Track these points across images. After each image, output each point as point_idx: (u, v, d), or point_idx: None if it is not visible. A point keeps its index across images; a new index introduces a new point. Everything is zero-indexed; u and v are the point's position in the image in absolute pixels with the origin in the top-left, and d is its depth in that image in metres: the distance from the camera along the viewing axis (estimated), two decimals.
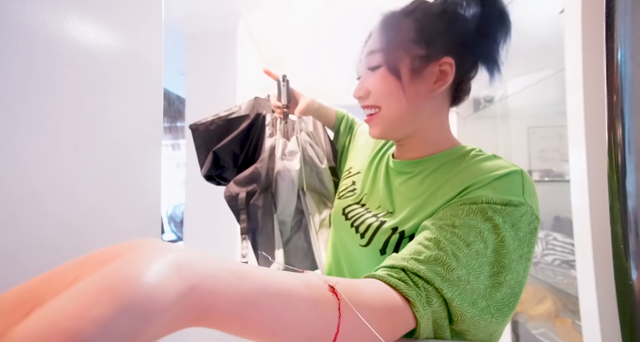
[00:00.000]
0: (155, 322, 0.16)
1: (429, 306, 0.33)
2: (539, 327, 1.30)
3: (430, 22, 0.47)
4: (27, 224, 0.34)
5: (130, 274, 0.16)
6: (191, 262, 0.19)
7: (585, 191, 0.86)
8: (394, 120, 0.51)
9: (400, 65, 0.47)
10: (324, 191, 0.71)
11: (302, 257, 0.69)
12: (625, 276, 0.32)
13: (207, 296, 0.19)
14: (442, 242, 0.37)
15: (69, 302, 0.14)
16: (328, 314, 0.26)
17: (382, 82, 0.49)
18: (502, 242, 0.37)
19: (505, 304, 0.36)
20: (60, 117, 0.38)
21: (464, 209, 0.40)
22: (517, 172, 0.43)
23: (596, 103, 0.86)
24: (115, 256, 0.17)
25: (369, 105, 0.52)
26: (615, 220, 0.33)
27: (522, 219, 0.39)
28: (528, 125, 1.56)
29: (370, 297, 0.30)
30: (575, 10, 0.87)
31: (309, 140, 0.72)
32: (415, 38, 0.47)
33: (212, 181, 0.73)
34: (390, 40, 0.48)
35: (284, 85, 0.72)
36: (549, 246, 1.26)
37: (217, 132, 0.69)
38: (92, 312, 0.14)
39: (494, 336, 0.38)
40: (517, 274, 0.37)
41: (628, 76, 0.31)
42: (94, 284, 0.15)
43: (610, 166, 0.33)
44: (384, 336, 0.27)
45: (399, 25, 0.48)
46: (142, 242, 0.19)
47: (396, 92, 0.48)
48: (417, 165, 0.52)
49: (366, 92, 0.51)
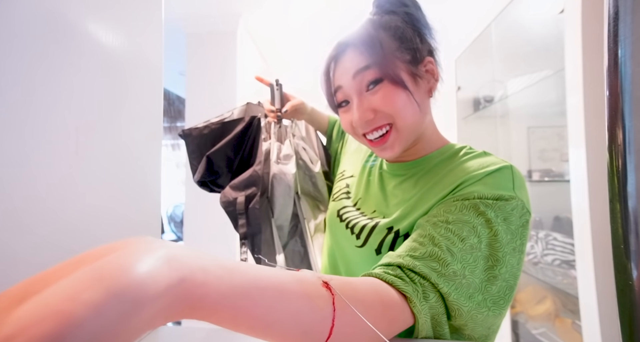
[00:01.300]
0: (145, 310, 0.16)
1: (426, 301, 0.33)
2: (539, 327, 1.30)
3: (400, 30, 0.47)
4: (28, 224, 0.34)
5: (121, 264, 0.16)
6: (181, 256, 0.20)
7: (585, 191, 0.86)
8: (410, 130, 0.48)
9: (401, 74, 0.46)
10: (317, 195, 0.70)
11: (299, 262, 0.68)
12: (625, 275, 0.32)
13: (198, 287, 0.20)
14: (436, 238, 0.37)
15: (63, 287, 0.15)
16: (322, 309, 0.26)
17: (390, 96, 0.46)
18: (496, 236, 0.38)
19: (501, 297, 0.37)
20: (60, 117, 0.38)
21: (457, 205, 0.40)
22: (507, 168, 0.44)
23: (596, 103, 0.86)
24: (110, 252, 0.18)
25: (379, 126, 0.48)
26: (615, 220, 0.33)
27: (513, 213, 0.40)
28: (528, 125, 1.56)
29: (365, 293, 0.30)
30: (575, 10, 0.87)
31: (302, 144, 0.72)
32: (398, 46, 0.47)
33: (205, 187, 0.73)
34: (378, 52, 0.46)
35: (277, 89, 0.71)
36: (549, 246, 1.26)
37: (211, 137, 0.68)
38: (85, 295, 0.14)
39: (492, 330, 0.39)
40: (511, 267, 0.38)
41: (628, 76, 0.31)
42: (87, 273, 0.16)
43: (610, 166, 0.33)
44: (381, 331, 0.27)
45: (377, 38, 0.46)
46: (136, 239, 0.19)
47: (408, 101, 0.46)
48: (411, 168, 0.53)
49: (373, 112, 0.47)
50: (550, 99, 1.32)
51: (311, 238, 0.67)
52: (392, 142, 0.48)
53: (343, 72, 0.48)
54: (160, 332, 0.39)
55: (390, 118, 0.47)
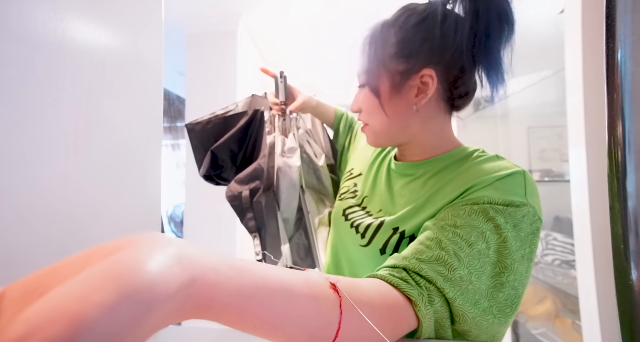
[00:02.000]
0: (156, 311, 0.16)
1: (431, 305, 0.33)
2: (539, 327, 1.30)
3: (410, 34, 0.46)
4: (29, 224, 0.34)
5: (133, 264, 0.16)
6: (192, 255, 0.19)
7: (585, 191, 0.86)
8: (381, 134, 0.53)
9: (380, 84, 0.49)
10: (322, 189, 0.70)
11: (304, 255, 0.69)
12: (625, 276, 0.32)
13: (208, 288, 0.19)
14: (443, 242, 0.37)
15: (74, 287, 0.14)
16: (329, 311, 0.26)
17: (365, 101, 0.52)
18: (504, 243, 0.37)
19: (507, 305, 0.36)
20: (60, 117, 0.38)
21: (466, 209, 0.40)
22: (519, 173, 0.42)
23: (596, 103, 0.85)
24: (119, 248, 0.17)
25: (361, 120, 0.55)
26: (615, 220, 0.33)
27: (523, 220, 0.39)
28: (528, 125, 1.56)
29: (371, 296, 0.30)
30: (575, 10, 0.87)
31: (307, 137, 0.72)
32: (395, 53, 0.46)
33: (210, 181, 0.73)
34: (371, 59, 0.49)
35: (282, 81, 0.71)
36: (549, 246, 1.26)
37: (214, 131, 0.68)
38: (96, 296, 0.14)
39: (497, 337, 0.38)
40: (519, 275, 0.37)
41: (628, 76, 0.31)
42: (98, 272, 0.15)
43: (610, 166, 0.33)
44: (386, 334, 0.27)
45: (382, 40, 0.48)
46: (145, 236, 0.19)
47: (377, 110, 0.50)
48: (419, 168, 0.52)
49: (358, 108, 0.54)
50: (550, 99, 1.32)
51: (315, 232, 0.67)
52: (368, 135, 0.55)
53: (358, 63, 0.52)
54: (160, 332, 0.38)
55: (365, 118, 0.53)
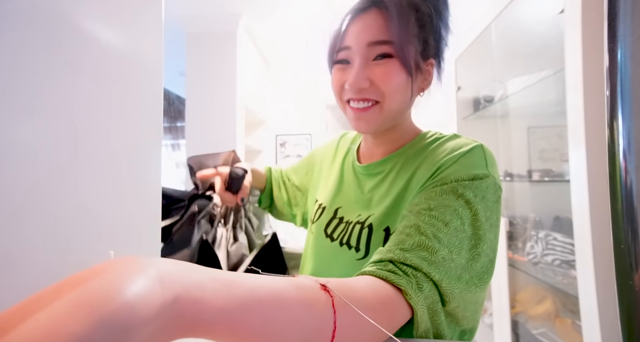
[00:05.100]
0: (138, 335, 0.15)
1: (421, 291, 0.34)
2: (539, 327, 1.30)
3: (427, 18, 0.46)
4: (29, 224, 0.34)
5: (107, 288, 0.15)
6: (174, 273, 0.19)
7: (585, 191, 0.86)
8: (393, 114, 0.48)
9: (411, 59, 0.45)
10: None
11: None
12: (625, 276, 0.32)
13: (192, 305, 0.19)
14: (422, 227, 0.38)
15: (42, 321, 0.13)
16: (323, 313, 0.26)
17: (391, 74, 0.44)
18: (476, 216, 0.39)
19: (484, 271, 0.39)
20: (60, 117, 0.38)
21: (437, 190, 0.41)
22: (478, 147, 0.45)
23: (596, 103, 0.86)
24: (93, 275, 0.16)
25: (368, 98, 0.46)
26: (616, 220, 0.33)
27: (488, 190, 0.41)
28: (528, 125, 1.56)
29: (362, 292, 0.30)
30: (575, 10, 0.87)
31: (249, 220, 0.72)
32: (417, 34, 0.46)
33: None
34: (403, 30, 0.44)
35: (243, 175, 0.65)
36: (549, 246, 1.26)
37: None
38: (67, 328, 0.13)
39: (479, 303, 0.42)
40: (490, 242, 0.40)
41: (628, 76, 0.31)
42: (67, 301, 0.14)
43: (610, 166, 0.33)
44: (382, 327, 0.27)
45: (407, 15, 0.44)
46: (122, 259, 0.18)
47: (406, 87, 0.46)
48: (386, 163, 0.52)
49: (369, 82, 0.45)
50: (550, 99, 1.32)
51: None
52: (371, 117, 0.47)
53: (358, 36, 0.45)
54: None
55: (380, 96, 0.46)
